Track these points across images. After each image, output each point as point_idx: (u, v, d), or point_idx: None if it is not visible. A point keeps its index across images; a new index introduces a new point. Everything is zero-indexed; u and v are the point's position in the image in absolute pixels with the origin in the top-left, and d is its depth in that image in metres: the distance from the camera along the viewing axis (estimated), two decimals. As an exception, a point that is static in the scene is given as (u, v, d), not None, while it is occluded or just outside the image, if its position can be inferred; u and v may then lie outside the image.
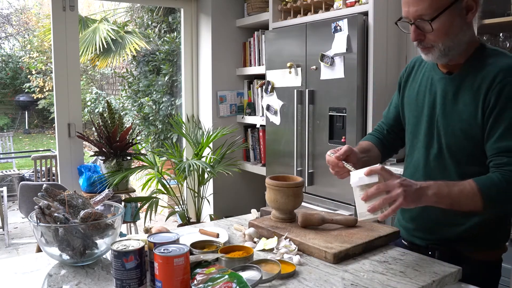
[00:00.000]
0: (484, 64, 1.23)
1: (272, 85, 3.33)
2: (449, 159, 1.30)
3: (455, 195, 1.16)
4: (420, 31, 1.23)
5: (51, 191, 1.30)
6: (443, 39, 1.22)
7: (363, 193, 1.18)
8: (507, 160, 1.17)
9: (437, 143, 1.32)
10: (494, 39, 2.54)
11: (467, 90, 1.25)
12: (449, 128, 1.28)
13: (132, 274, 1.06)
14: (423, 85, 1.38)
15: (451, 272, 1.20)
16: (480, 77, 1.22)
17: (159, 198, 3.49)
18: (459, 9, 1.20)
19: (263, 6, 3.70)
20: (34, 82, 10.17)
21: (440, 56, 1.25)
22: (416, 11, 1.20)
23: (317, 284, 1.12)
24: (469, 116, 1.23)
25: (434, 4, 1.18)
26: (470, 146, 1.25)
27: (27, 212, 3.12)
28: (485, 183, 1.16)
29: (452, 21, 1.20)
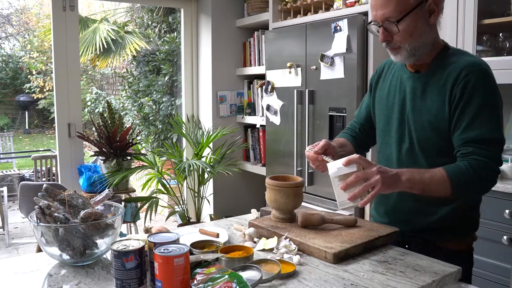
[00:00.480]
0: (449, 62, 1.33)
1: (272, 85, 3.33)
2: (420, 152, 1.38)
3: (427, 181, 1.23)
4: (387, 33, 1.32)
5: (51, 191, 1.30)
6: (409, 40, 1.31)
7: (341, 183, 1.22)
8: (473, 150, 1.25)
9: (409, 138, 1.40)
10: (494, 39, 2.54)
11: (434, 87, 1.34)
12: (418, 123, 1.37)
13: (132, 274, 1.06)
14: (393, 84, 1.47)
15: (451, 272, 1.20)
16: (445, 74, 1.32)
17: (159, 198, 3.49)
18: (423, 12, 1.30)
19: (263, 6, 3.70)
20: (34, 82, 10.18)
21: (407, 56, 1.34)
22: (383, 14, 1.30)
23: (317, 284, 1.12)
24: (437, 110, 1.32)
25: (399, 7, 1.27)
26: (439, 139, 1.34)
27: (27, 212, 3.12)
28: (453, 170, 1.24)
29: (416, 23, 1.29)
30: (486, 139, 1.25)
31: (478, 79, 1.27)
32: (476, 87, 1.27)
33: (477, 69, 1.28)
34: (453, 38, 2.57)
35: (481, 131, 1.25)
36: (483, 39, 2.55)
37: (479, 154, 1.24)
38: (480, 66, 1.30)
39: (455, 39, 2.56)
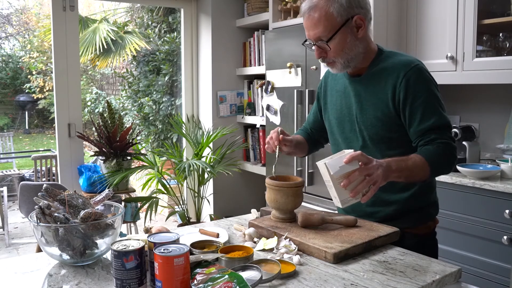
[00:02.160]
0: (385, 64, 1.47)
1: (272, 85, 3.33)
2: (373, 147, 1.49)
3: (411, 168, 1.34)
4: (321, 50, 1.47)
5: (51, 191, 1.30)
6: (340, 54, 1.45)
7: (342, 181, 1.21)
8: (434, 136, 1.39)
9: (361, 137, 1.52)
10: (494, 39, 2.54)
11: (376, 86, 1.47)
12: (367, 121, 1.49)
13: (132, 274, 1.06)
14: (339, 90, 1.60)
15: (451, 272, 1.20)
16: (385, 74, 1.46)
17: (159, 198, 3.49)
18: (350, 28, 1.43)
19: (263, 6, 3.70)
20: (34, 82, 10.17)
21: (342, 68, 1.48)
22: (314, 34, 1.45)
23: (317, 284, 1.12)
24: (382, 107, 1.45)
25: (328, 27, 1.41)
26: (387, 133, 1.46)
27: (27, 212, 3.12)
28: (428, 154, 1.37)
29: (345, 39, 1.43)
30: (440, 125, 1.40)
31: (416, 76, 1.41)
32: (417, 84, 1.40)
33: (412, 66, 1.42)
34: (453, 38, 2.57)
35: (434, 119, 1.40)
36: (483, 39, 2.55)
37: (441, 138, 1.39)
38: (414, 63, 1.43)
39: (455, 39, 2.56)
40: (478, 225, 2.29)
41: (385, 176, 1.27)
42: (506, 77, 2.37)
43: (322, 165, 1.25)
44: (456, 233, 2.38)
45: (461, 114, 2.95)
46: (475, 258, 2.31)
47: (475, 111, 2.87)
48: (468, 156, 2.54)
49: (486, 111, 2.82)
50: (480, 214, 2.28)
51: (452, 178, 2.37)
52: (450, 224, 2.40)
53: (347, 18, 1.42)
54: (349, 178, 1.22)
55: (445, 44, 2.62)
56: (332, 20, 1.41)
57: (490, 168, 2.40)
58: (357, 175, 1.22)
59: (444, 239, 2.43)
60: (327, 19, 1.41)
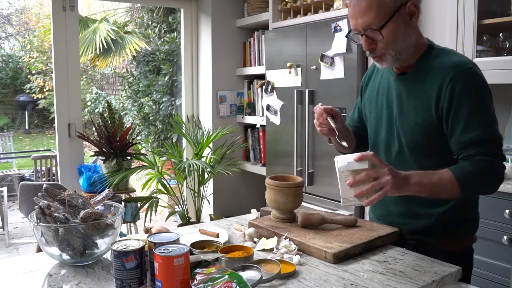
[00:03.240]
0: (434, 63, 1.32)
1: (272, 85, 3.33)
2: (409, 154, 1.38)
3: (435, 183, 1.22)
4: (371, 41, 1.30)
5: (51, 191, 1.30)
6: (392, 45, 1.29)
7: (349, 178, 1.18)
8: (475, 151, 1.25)
9: (398, 141, 1.40)
10: (494, 39, 2.54)
11: (419, 89, 1.33)
12: (406, 126, 1.36)
13: (132, 274, 1.06)
14: (381, 86, 1.47)
15: (451, 272, 1.20)
16: (430, 76, 1.31)
17: (159, 198, 3.49)
18: (403, 15, 1.28)
19: (263, 6, 3.70)
20: (34, 82, 10.17)
21: (393, 61, 1.33)
22: (364, 22, 1.28)
23: (317, 284, 1.12)
24: (424, 112, 1.32)
25: (380, 13, 1.26)
26: (427, 141, 1.33)
27: (27, 212, 3.12)
28: (460, 171, 1.23)
29: (398, 27, 1.28)
30: (484, 139, 1.25)
31: (465, 80, 1.26)
32: (464, 89, 1.25)
33: (462, 69, 1.27)
34: (453, 38, 2.57)
35: (478, 132, 1.25)
36: (483, 39, 2.55)
37: (482, 154, 1.24)
38: (465, 66, 1.27)
39: (455, 39, 2.56)
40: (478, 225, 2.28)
41: (398, 187, 1.17)
42: (506, 77, 2.36)
43: (335, 159, 1.21)
44: (456, 233, 2.38)
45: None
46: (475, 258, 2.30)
47: (475, 111, 2.87)
48: (468, 156, 2.54)
49: (486, 111, 2.82)
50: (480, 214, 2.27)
51: (452, 178, 2.37)
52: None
53: (400, 3, 1.27)
54: (356, 177, 1.16)
55: (445, 44, 2.61)
56: (384, 5, 1.25)
57: (490, 168, 2.40)
58: (364, 176, 1.15)
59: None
60: (379, 5, 1.25)
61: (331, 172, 2.83)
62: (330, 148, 2.85)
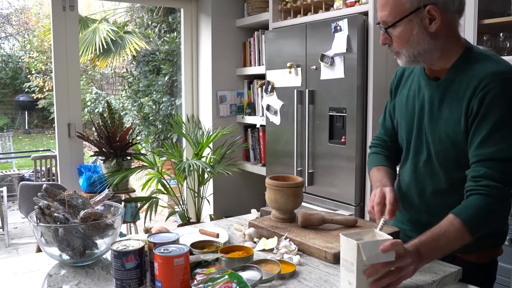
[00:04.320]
0: (470, 69, 1.24)
1: (272, 85, 3.33)
2: (437, 164, 1.31)
3: (444, 245, 1.14)
4: (387, 35, 1.29)
5: (51, 191, 1.30)
6: (405, 46, 1.26)
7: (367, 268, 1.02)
8: (484, 172, 1.16)
9: (426, 150, 1.33)
10: (494, 39, 2.54)
11: (452, 97, 1.26)
12: (436, 135, 1.30)
13: (132, 274, 1.06)
14: (412, 90, 1.40)
15: (451, 272, 1.20)
16: (465, 83, 1.23)
17: (159, 198, 3.49)
18: (420, 18, 1.23)
19: (263, 6, 3.70)
20: (34, 82, 10.17)
21: (408, 61, 1.29)
22: (381, 16, 1.28)
23: (317, 284, 1.12)
24: (454, 122, 1.25)
25: (393, 12, 1.24)
26: (457, 153, 1.26)
27: (27, 212, 3.12)
28: (467, 216, 1.15)
29: (411, 30, 1.24)
30: (501, 158, 1.15)
31: (499, 89, 1.16)
32: (495, 99, 1.16)
33: (499, 78, 1.17)
34: (453, 38, 2.57)
35: (497, 148, 1.16)
36: (483, 39, 2.55)
37: (491, 179, 1.15)
38: (504, 75, 1.18)
39: (455, 39, 2.56)
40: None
41: (416, 270, 1.09)
42: (506, 77, 2.37)
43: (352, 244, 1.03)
44: (456, 233, 2.38)
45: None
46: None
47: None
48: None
49: (486, 111, 2.81)
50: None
51: (452, 178, 2.37)
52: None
53: (418, 6, 1.21)
54: (377, 267, 1.03)
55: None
56: (399, 4, 1.22)
57: (490, 168, 2.39)
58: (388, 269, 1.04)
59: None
60: (395, 3, 1.23)
61: (331, 172, 2.83)
62: (330, 148, 2.85)
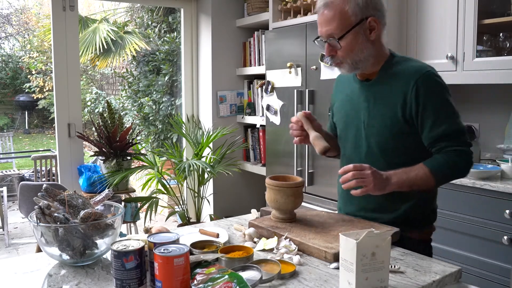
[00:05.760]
0: (396, 70, 1.46)
1: (272, 85, 3.33)
2: (379, 154, 1.49)
3: (413, 180, 1.38)
4: (332, 48, 1.44)
5: (51, 191, 1.30)
6: (350, 55, 1.43)
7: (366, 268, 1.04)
8: (445, 144, 1.40)
9: (366, 143, 1.51)
10: (494, 39, 2.54)
11: (386, 93, 1.46)
12: (375, 128, 1.48)
13: (132, 274, 1.06)
14: (348, 94, 1.59)
15: (451, 272, 1.20)
16: (395, 80, 1.44)
17: (159, 198, 3.49)
18: (363, 29, 1.42)
19: (263, 6, 3.70)
20: (34, 82, 10.17)
21: (350, 69, 1.47)
22: (327, 30, 1.42)
23: (317, 284, 1.12)
24: (391, 114, 1.44)
25: (341, 25, 1.40)
26: (395, 141, 1.46)
27: (27, 212, 3.12)
28: (433, 164, 1.39)
29: (357, 40, 1.42)
30: (452, 131, 1.40)
31: (428, 83, 1.40)
32: (428, 91, 1.39)
33: (423, 73, 1.40)
34: (453, 38, 2.57)
35: (445, 126, 1.39)
36: (483, 39, 2.55)
37: (452, 146, 1.39)
38: (426, 70, 1.42)
39: (455, 39, 2.56)
40: (478, 225, 2.28)
41: (379, 187, 1.33)
42: (506, 77, 2.37)
43: (351, 243, 1.04)
44: (456, 233, 2.38)
45: (461, 114, 2.94)
46: (475, 258, 2.31)
47: (475, 111, 2.87)
48: (468, 156, 2.54)
49: (486, 111, 2.82)
50: (480, 214, 2.28)
51: (452, 178, 2.37)
52: (450, 224, 2.40)
53: (361, 18, 1.40)
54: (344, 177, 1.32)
55: (445, 44, 2.62)
56: (346, 18, 1.39)
57: (490, 168, 2.40)
58: (351, 175, 1.31)
59: (444, 239, 2.43)
60: (341, 17, 1.39)
61: (331, 172, 2.83)
62: (330, 148, 2.84)
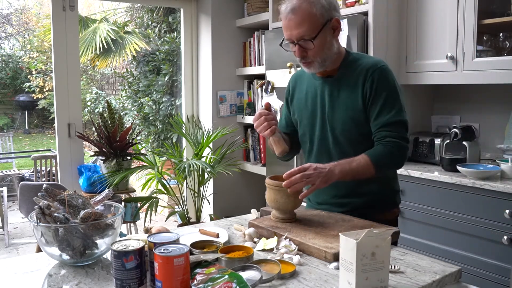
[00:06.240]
0: (355, 65, 1.60)
1: (272, 85, 3.33)
2: (345, 143, 1.61)
3: (355, 169, 1.49)
4: (303, 49, 1.55)
5: (51, 191, 1.30)
6: (320, 54, 1.55)
7: (366, 268, 1.05)
8: (385, 134, 1.52)
9: (332, 134, 1.62)
10: (494, 39, 2.54)
11: (347, 86, 1.59)
12: (340, 120, 1.60)
13: (132, 274, 1.06)
14: (309, 91, 1.69)
15: (451, 272, 1.20)
16: (355, 74, 1.58)
17: (159, 198, 3.49)
18: (329, 29, 1.54)
19: (263, 6, 3.70)
20: (34, 82, 10.17)
21: (319, 67, 1.58)
22: (298, 33, 1.52)
23: (317, 284, 1.12)
24: (353, 105, 1.57)
25: (312, 27, 1.51)
26: (358, 129, 1.58)
27: (27, 212, 3.12)
28: (374, 154, 1.51)
29: (326, 39, 1.54)
30: (395, 121, 1.52)
31: (381, 75, 1.54)
32: (380, 82, 1.53)
33: (378, 67, 1.56)
34: (453, 38, 2.57)
35: (391, 115, 1.52)
36: (483, 39, 2.55)
37: (391, 136, 1.51)
38: (381, 64, 1.57)
39: (455, 39, 2.56)
40: (478, 225, 2.28)
41: (325, 180, 1.44)
42: (506, 77, 2.37)
43: (351, 243, 1.05)
44: (456, 233, 2.38)
45: (461, 114, 2.95)
46: (475, 258, 2.31)
47: (475, 111, 2.87)
48: (468, 156, 2.54)
49: (486, 111, 2.82)
50: (480, 214, 2.28)
51: (452, 178, 2.37)
52: (451, 224, 2.40)
53: (327, 19, 1.53)
54: (291, 179, 1.39)
55: (445, 44, 2.62)
56: (315, 20, 1.51)
57: (490, 168, 2.40)
58: (299, 178, 1.40)
59: (444, 239, 2.43)
60: (311, 19, 1.50)
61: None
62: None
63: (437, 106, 3.10)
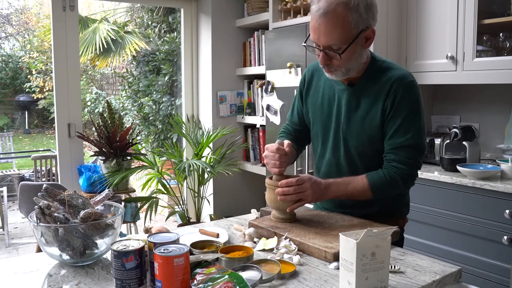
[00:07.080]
0: (379, 76, 1.47)
1: (272, 85, 3.33)
2: (357, 157, 1.53)
3: (350, 192, 1.46)
4: (328, 57, 1.41)
5: (51, 191, 1.30)
6: (346, 64, 1.41)
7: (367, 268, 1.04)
8: (394, 157, 1.44)
9: (344, 146, 1.54)
10: (494, 39, 2.54)
11: (367, 99, 1.48)
12: (354, 132, 1.50)
13: (132, 274, 1.06)
14: (326, 94, 1.57)
15: (451, 272, 1.20)
16: (377, 86, 1.46)
17: (159, 198, 3.49)
18: (361, 39, 1.40)
19: (263, 6, 3.70)
20: (34, 82, 10.17)
21: (342, 76, 1.46)
22: (326, 41, 1.37)
23: (317, 284, 1.12)
24: (371, 120, 1.47)
25: (343, 37, 1.36)
26: (372, 145, 1.49)
27: (27, 212, 3.12)
28: (374, 178, 1.45)
29: (355, 50, 1.40)
30: (407, 145, 1.43)
31: (405, 91, 1.42)
32: (403, 99, 1.42)
33: (404, 82, 1.43)
34: (453, 38, 2.57)
35: (405, 137, 1.42)
36: (483, 39, 2.55)
37: (399, 162, 1.43)
38: (407, 79, 1.44)
39: (455, 39, 2.56)
40: (478, 225, 2.29)
41: (317, 196, 1.44)
42: (506, 77, 2.37)
43: (351, 243, 1.04)
44: (456, 233, 2.38)
45: (461, 114, 2.95)
46: (475, 258, 2.31)
47: (475, 111, 2.87)
48: (468, 156, 2.54)
49: (486, 111, 2.82)
50: (480, 214, 2.28)
51: (452, 178, 2.37)
52: (451, 224, 2.40)
53: (362, 29, 1.37)
54: (284, 190, 1.40)
55: (445, 44, 2.62)
56: (348, 30, 1.35)
57: (490, 168, 2.40)
58: (292, 190, 1.40)
59: (444, 239, 2.43)
60: (344, 29, 1.34)
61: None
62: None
63: (437, 106, 3.10)
